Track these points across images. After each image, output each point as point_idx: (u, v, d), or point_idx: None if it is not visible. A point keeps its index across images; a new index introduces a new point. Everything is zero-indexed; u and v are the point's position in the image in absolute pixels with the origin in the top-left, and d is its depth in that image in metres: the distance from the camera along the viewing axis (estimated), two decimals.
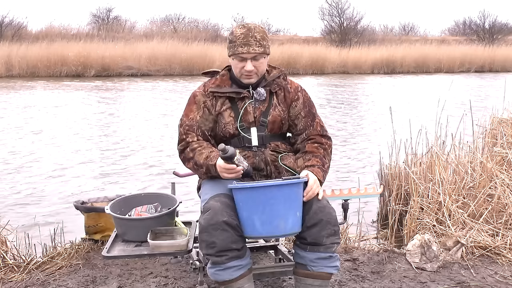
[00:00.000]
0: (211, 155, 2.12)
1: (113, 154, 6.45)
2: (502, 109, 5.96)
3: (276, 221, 1.94)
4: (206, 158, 2.12)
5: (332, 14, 32.64)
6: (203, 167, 2.13)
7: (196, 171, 2.22)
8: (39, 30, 27.91)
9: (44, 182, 5.17)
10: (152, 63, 19.61)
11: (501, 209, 3.28)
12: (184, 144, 2.21)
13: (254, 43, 2.13)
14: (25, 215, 4.16)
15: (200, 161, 2.13)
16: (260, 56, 2.16)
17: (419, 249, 2.80)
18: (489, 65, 25.26)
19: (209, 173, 2.13)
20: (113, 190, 4.78)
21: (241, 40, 2.13)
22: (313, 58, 22.05)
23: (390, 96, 13.53)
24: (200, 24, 35.00)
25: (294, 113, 2.29)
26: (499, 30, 35.68)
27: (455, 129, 3.91)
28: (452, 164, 3.73)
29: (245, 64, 2.16)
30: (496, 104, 6.29)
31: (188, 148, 2.19)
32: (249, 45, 2.13)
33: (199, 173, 2.20)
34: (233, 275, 2.00)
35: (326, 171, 2.21)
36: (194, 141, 2.20)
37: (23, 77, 17.71)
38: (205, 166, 2.12)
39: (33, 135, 7.58)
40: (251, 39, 2.13)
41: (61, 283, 2.58)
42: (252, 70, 2.17)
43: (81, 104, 11.31)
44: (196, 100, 2.26)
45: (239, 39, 2.14)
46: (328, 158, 2.25)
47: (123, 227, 2.37)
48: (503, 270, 2.75)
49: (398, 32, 41.93)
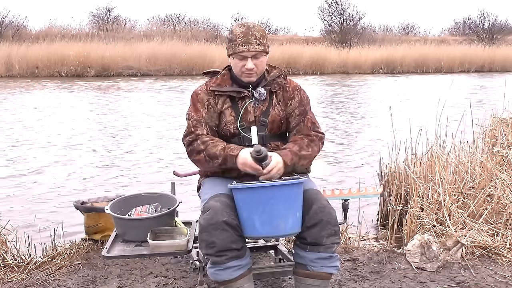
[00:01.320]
0: (231, 146, 2.11)
1: (113, 154, 6.45)
2: (502, 109, 5.95)
3: (276, 221, 1.93)
4: (224, 149, 2.10)
5: (332, 14, 32.68)
6: (218, 158, 2.10)
7: (206, 163, 2.16)
8: (39, 30, 27.97)
9: (44, 182, 5.17)
10: (152, 63, 19.62)
11: (501, 209, 3.28)
12: (193, 137, 2.18)
13: (254, 42, 2.14)
14: (25, 215, 4.15)
15: (216, 152, 2.10)
16: (260, 54, 2.17)
17: (419, 249, 2.80)
18: (489, 65, 25.27)
19: (224, 165, 2.11)
20: (113, 190, 4.78)
21: (241, 39, 2.14)
22: (313, 58, 22.07)
23: (390, 96, 13.53)
24: (200, 24, 35.07)
25: (289, 111, 2.29)
26: (499, 30, 35.73)
27: (455, 129, 3.91)
28: (452, 164, 3.72)
29: (246, 62, 2.16)
30: (496, 104, 6.29)
31: (198, 140, 2.17)
32: (249, 43, 2.13)
33: (211, 165, 2.15)
34: (233, 275, 2.00)
35: (302, 156, 2.16)
36: (204, 134, 2.18)
37: (23, 77, 17.72)
38: (222, 157, 2.09)
39: (33, 135, 7.58)
40: (251, 38, 2.14)
41: (61, 283, 2.58)
42: (253, 69, 2.17)
43: (81, 104, 11.31)
44: (199, 98, 2.26)
45: (239, 37, 2.14)
46: (312, 146, 2.21)
47: (123, 227, 2.37)
48: (503, 270, 2.75)
49: (398, 32, 41.98)
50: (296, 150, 2.15)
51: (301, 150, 2.17)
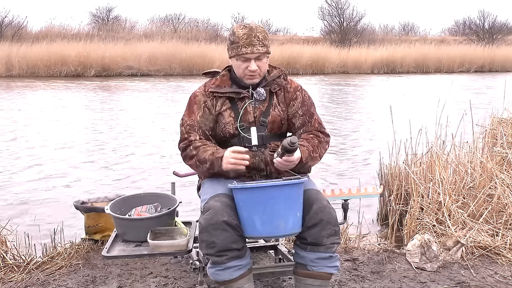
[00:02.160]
0: (218, 150, 2.12)
1: (113, 154, 6.45)
2: (502, 109, 5.95)
3: (277, 221, 1.93)
4: (212, 154, 2.12)
5: (332, 14, 32.68)
6: (207, 163, 2.12)
7: (197, 168, 2.20)
8: (39, 30, 27.99)
9: (44, 182, 5.17)
10: (152, 63, 19.62)
11: (501, 209, 3.28)
12: (187, 143, 2.21)
13: (258, 43, 2.13)
14: (25, 215, 4.16)
15: (205, 157, 2.13)
16: (263, 56, 2.17)
17: (419, 249, 2.80)
18: (489, 65, 25.26)
19: (211, 169, 2.13)
20: (113, 190, 4.78)
21: (244, 41, 2.13)
22: (313, 58, 22.07)
23: (390, 96, 13.52)
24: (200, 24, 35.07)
25: (292, 112, 2.29)
26: (499, 30, 35.71)
27: (455, 129, 3.90)
28: (452, 164, 3.72)
29: (249, 64, 2.15)
30: (496, 104, 6.29)
31: (191, 146, 2.19)
32: (253, 45, 2.13)
33: (201, 169, 2.18)
34: (233, 275, 2.00)
35: (314, 157, 2.19)
36: (197, 139, 2.20)
37: (23, 77, 17.72)
38: (210, 161, 2.11)
39: (33, 135, 7.58)
40: (254, 39, 2.13)
41: (61, 283, 2.58)
42: (256, 70, 2.17)
43: (81, 104, 11.31)
44: (196, 100, 2.26)
45: (242, 39, 2.13)
46: (320, 149, 2.24)
47: (123, 227, 2.37)
48: (503, 270, 2.75)
49: (398, 32, 41.98)
50: (310, 149, 2.17)
51: (315, 151, 2.19)
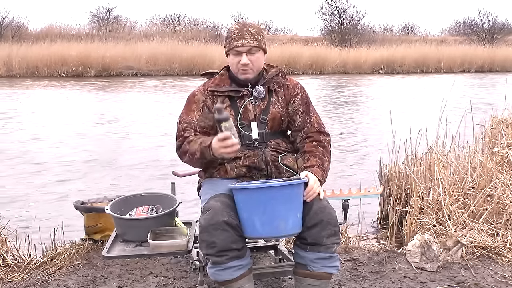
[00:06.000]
0: (206, 140, 2.10)
1: (113, 153, 6.46)
2: (502, 109, 5.96)
3: (277, 222, 1.93)
4: (200, 144, 2.10)
5: (332, 14, 32.67)
6: (197, 153, 2.11)
7: (191, 161, 2.19)
8: (40, 31, 27.95)
9: (44, 182, 5.17)
10: (152, 63, 19.60)
11: (501, 209, 3.28)
12: (182, 140, 2.21)
13: (249, 37, 2.17)
14: (25, 215, 4.16)
15: (194, 148, 2.12)
16: (255, 50, 2.18)
17: (419, 249, 2.80)
18: (489, 65, 25.23)
19: (203, 159, 2.12)
20: (113, 190, 4.78)
21: (236, 35, 2.17)
22: (313, 58, 22.05)
23: (390, 96, 13.52)
24: (200, 24, 35.03)
25: (293, 110, 2.30)
26: (499, 30, 35.67)
27: (455, 129, 3.91)
28: (452, 164, 3.72)
29: (241, 58, 2.17)
30: (496, 104, 6.29)
31: (185, 142, 2.19)
32: (244, 38, 2.16)
33: (194, 162, 2.18)
34: (233, 275, 2.00)
35: (326, 169, 2.20)
36: (192, 135, 2.20)
37: (23, 77, 17.71)
38: (199, 151, 2.09)
39: (33, 135, 7.58)
40: (246, 33, 2.17)
41: (61, 283, 2.58)
42: (248, 65, 2.18)
43: (81, 104, 11.31)
44: (195, 99, 2.27)
45: (234, 34, 2.18)
46: (328, 156, 2.25)
47: (123, 227, 2.37)
48: (503, 270, 2.75)
49: (398, 32, 41.93)
50: (320, 164, 2.17)
51: (324, 163, 2.19)
